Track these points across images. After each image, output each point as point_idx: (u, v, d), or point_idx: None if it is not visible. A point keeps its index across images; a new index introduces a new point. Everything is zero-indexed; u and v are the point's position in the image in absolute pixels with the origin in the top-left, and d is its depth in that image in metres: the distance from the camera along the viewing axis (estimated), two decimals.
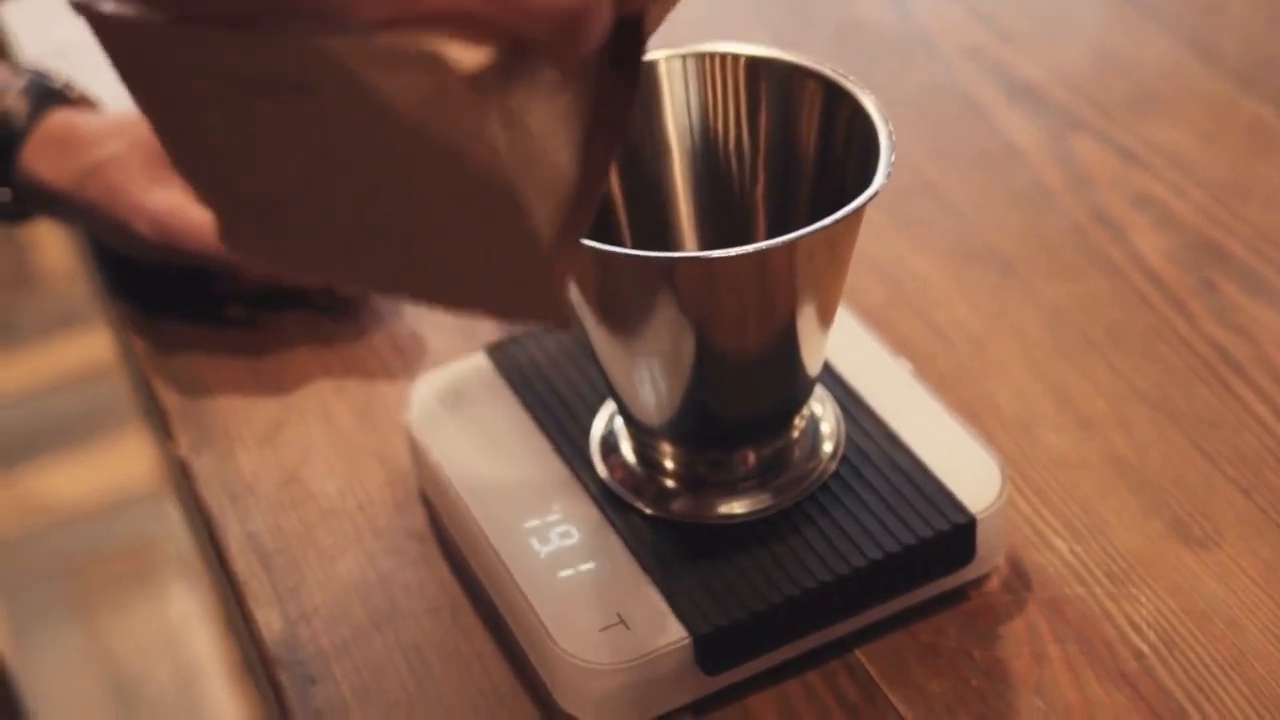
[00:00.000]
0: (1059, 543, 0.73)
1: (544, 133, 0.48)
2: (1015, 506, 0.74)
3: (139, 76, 0.50)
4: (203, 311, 0.88)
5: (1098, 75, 0.99)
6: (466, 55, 0.44)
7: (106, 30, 0.48)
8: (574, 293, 0.66)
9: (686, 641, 0.66)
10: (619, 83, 0.52)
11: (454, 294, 0.53)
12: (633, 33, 0.51)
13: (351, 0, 0.45)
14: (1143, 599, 0.71)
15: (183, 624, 2.00)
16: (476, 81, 0.44)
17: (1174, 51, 1.00)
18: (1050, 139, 0.95)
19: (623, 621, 0.67)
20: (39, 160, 0.87)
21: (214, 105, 0.49)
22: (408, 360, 0.84)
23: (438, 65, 0.44)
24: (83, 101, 0.91)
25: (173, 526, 2.01)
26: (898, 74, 1.01)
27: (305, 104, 0.47)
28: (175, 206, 0.85)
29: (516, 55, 0.46)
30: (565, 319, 0.51)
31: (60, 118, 0.88)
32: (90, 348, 2.21)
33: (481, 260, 0.50)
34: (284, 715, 0.70)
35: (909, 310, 0.85)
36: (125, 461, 2.13)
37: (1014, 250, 0.88)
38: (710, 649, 0.66)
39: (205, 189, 0.53)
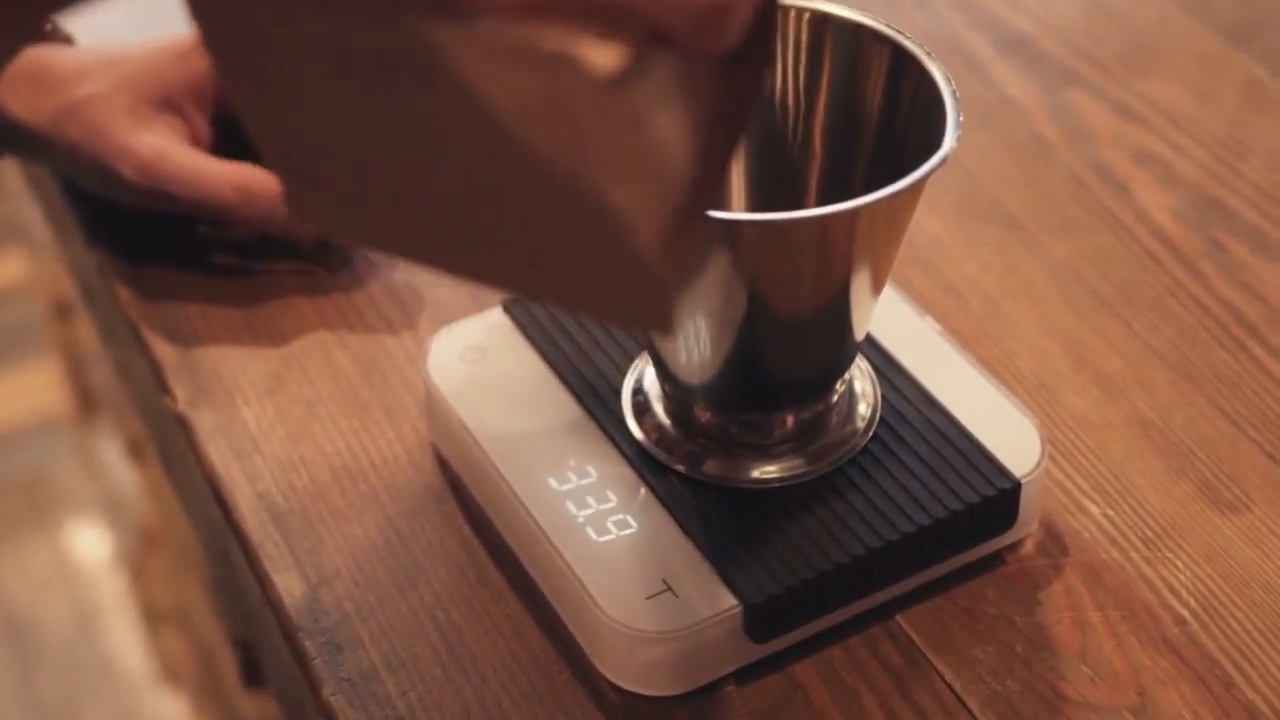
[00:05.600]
0: (1091, 507, 0.73)
1: (665, 133, 0.46)
2: (1047, 470, 0.74)
3: (232, 43, 0.47)
4: (189, 258, 0.85)
5: (1088, 28, 0.98)
6: (598, 54, 0.42)
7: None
8: None
9: (737, 610, 0.65)
10: (744, 76, 0.49)
11: (554, 288, 0.50)
12: (760, 25, 0.48)
13: None
14: (1179, 564, 0.71)
15: (82, 564, 1.96)
16: (607, 84, 0.42)
17: (1163, 6, 0.99)
18: (1045, 93, 0.94)
19: (670, 589, 0.66)
20: (12, 97, 0.83)
21: (315, 82, 0.46)
22: (407, 311, 0.82)
23: (569, 63, 0.42)
24: (57, 36, 0.87)
25: (74, 461, 1.96)
26: None
27: (419, 89, 0.44)
28: (162, 150, 0.82)
29: (648, 52, 0.43)
30: (672, 326, 0.48)
31: (34, 53, 0.84)
32: None
33: (586, 261, 0.47)
34: (311, 686, 0.68)
35: (919, 267, 0.84)
36: (26, 391, 2.07)
37: (1019, 206, 0.87)
38: (761, 617, 0.65)
39: (281, 160, 0.50)
